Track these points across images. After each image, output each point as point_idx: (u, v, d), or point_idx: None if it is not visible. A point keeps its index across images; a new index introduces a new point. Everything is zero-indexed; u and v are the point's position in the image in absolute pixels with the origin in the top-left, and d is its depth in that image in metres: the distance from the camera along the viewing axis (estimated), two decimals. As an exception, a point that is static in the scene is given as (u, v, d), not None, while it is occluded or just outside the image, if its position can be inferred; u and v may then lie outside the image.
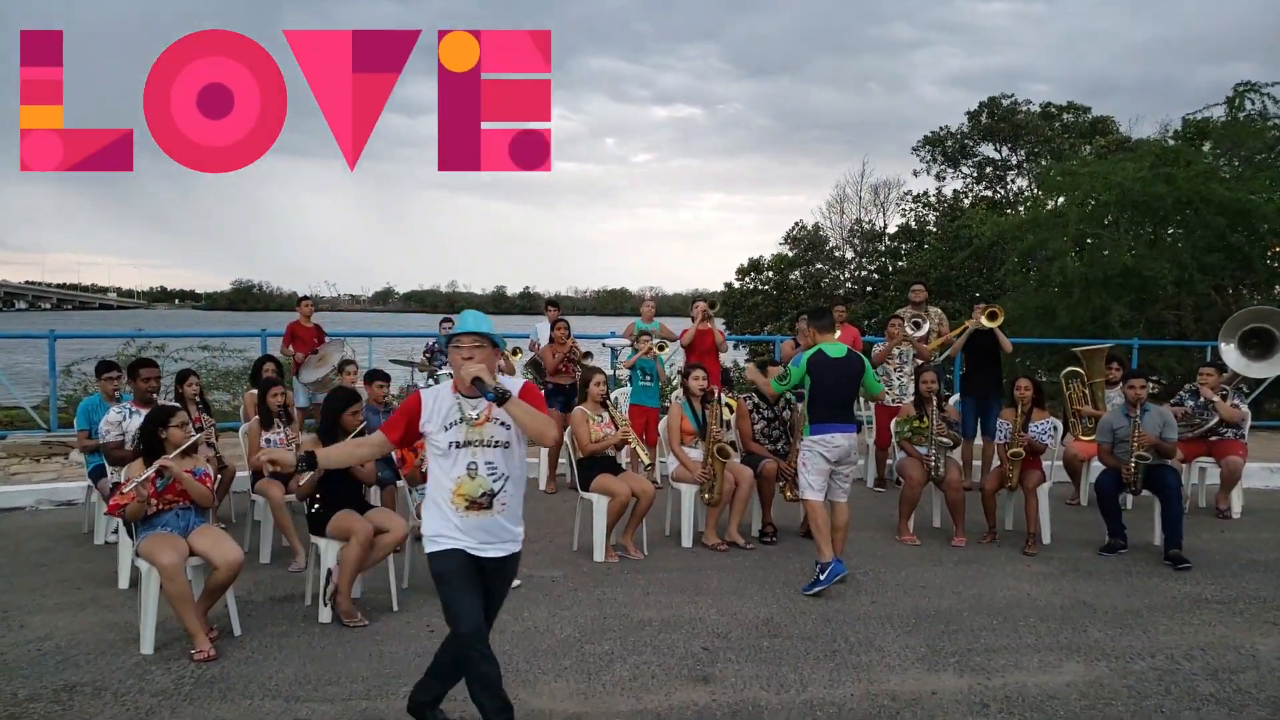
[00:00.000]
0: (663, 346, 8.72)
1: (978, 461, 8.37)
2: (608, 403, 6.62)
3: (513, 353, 9.26)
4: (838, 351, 5.71)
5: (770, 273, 27.39)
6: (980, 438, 8.33)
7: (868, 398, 6.75)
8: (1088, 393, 8.24)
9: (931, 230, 26.11)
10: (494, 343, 3.46)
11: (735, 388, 8.36)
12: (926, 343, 8.66)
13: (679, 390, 7.59)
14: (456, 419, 3.40)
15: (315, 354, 9.37)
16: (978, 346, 8.35)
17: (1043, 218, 15.88)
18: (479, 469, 3.38)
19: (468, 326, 3.45)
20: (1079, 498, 8.05)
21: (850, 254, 29.01)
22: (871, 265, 28.08)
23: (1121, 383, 6.98)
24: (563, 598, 5.33)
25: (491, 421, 3.40)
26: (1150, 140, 17.98)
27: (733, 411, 6.96)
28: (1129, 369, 7.83)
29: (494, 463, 3.40)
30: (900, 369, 8.53)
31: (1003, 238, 18.09)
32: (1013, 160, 27.28)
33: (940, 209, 27.12)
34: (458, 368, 3.37)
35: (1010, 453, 6.60)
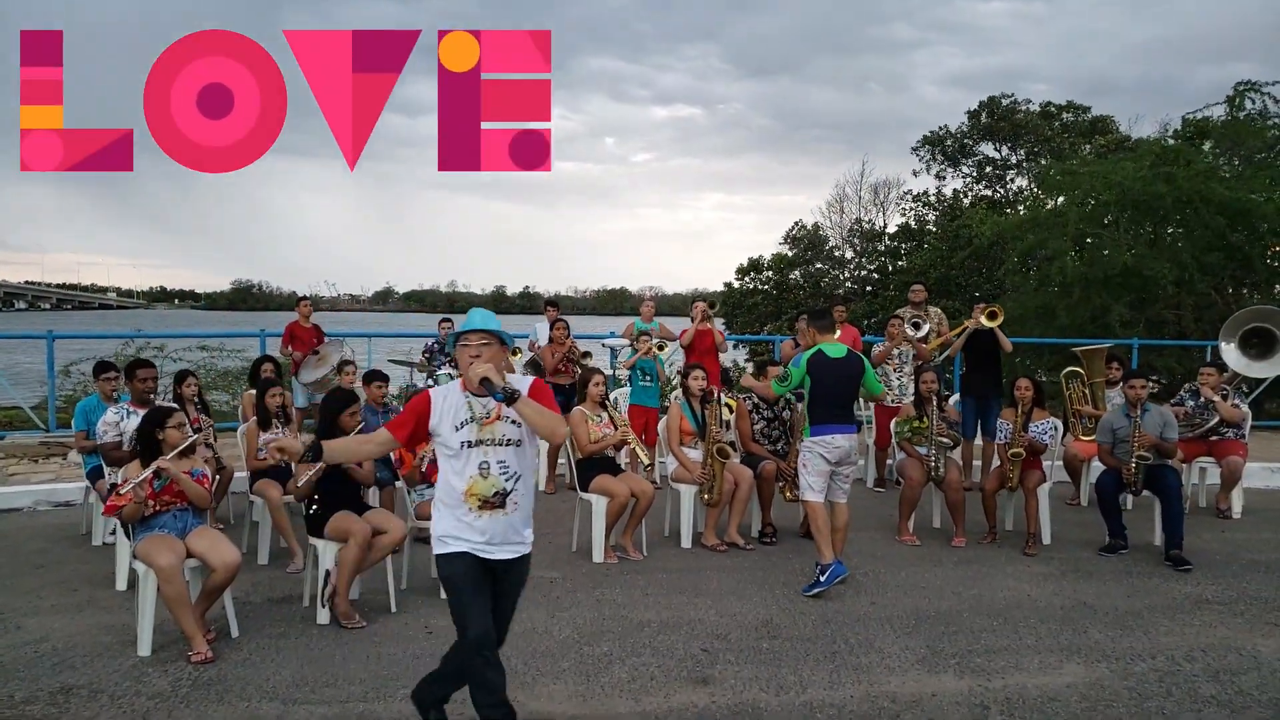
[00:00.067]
0: (662, 346, 8.71)
1: (978, 462, 8.36)
2: (607, 403, 6.61)
3: (512, 353, 9.25)
4: (837, 352, 5.69)
5: (770, 272, 27.38)
6: (980, 438, 8.32)
7: (868, 398, 6.74)
8: (1088, 393, 8.23)
9: (931, 230, 26.11)
10: (502, 340, 3.40)
11: (735, 388, 8.33)
12: (926, 343, 8.65)
13: (678, 390, 7.58)
14: (467, 418, 3.33)
15: (315, 354, 9.37)
16: (978, 346, 8.34)
17: (1042, 217, 15.86)
18: (491, 468, 3.32)
19: (475, 324, 3.37)
20: (1079, 498, 8.04)
21: (850, 254, 29.01)
22: (871, 265, 28.07)
23: (1122, 383, 6.97)
24: (561, 599, 5.32)
25: (502, 420, 3.33)
26: (1150, 140, 17.97)
27: (732, 412, 6.95)
28: (1129, 369, 7.82)
29: (506, 461, 3.34)
30: (900, 369, 8.51)
31: (1002, 237, 18.07)
32: (1012, 160, 27.28)
33: (940, 208, 27.12)
34: (465, 367, 3.30)
35: (1010, 453, 6.59)
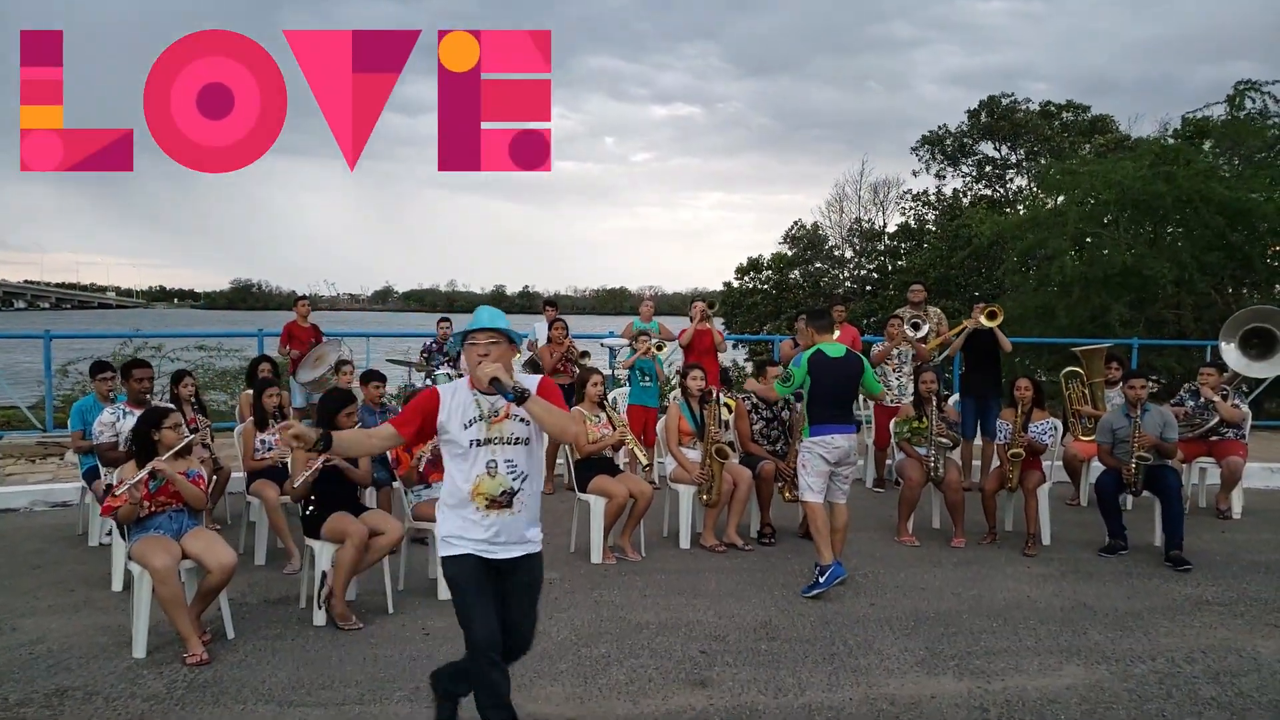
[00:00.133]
0: (661, 346, 8.69)
1: (977, 462, 8.34)
2: (605, 403, 6.59)
3: None
4: (836, 351, 5.68)
5: (769, 272, 27.36)
6: (980, 438, 8.30)
7: (867, 397, 6.73)
8: (1087, 393, 8.21)
9: (931, 229, 26.11)
10: (510, 339, 3.36)
11: (734, 388, 8.31)
12: (925, 343, 8.63)
13: (677, 391, 7.56)
14: (475, 416, 3.29)
15: (312, 354, 9.35)
16: (977, 346, 8.32)
17: (1042, 217, 15.84)
18: (499, 467, 3.29)
19: (483, 323, 3.32)
20: (1079, 498, 8.02)
21: (849, 253, 28.98)
22: (871, 264, 28.05)
23: (1121, 383, 6.94)
24: (559, 600, 5.29)
25: (511, 418, 3.31)
26: (1150, 139, 17.96)
27: (731, 411, 6.93)
28: (1129, 369, 7.80)
29: (514, 460, 3.32)
30: (899, 369, 8.49)
31: (1002, 237, 18.05)
32: (1012, 159, 27.28)
33: (939, 208, 27.12)
34: (474, 365, 3.27)
35: (1010, 453, 6.57)
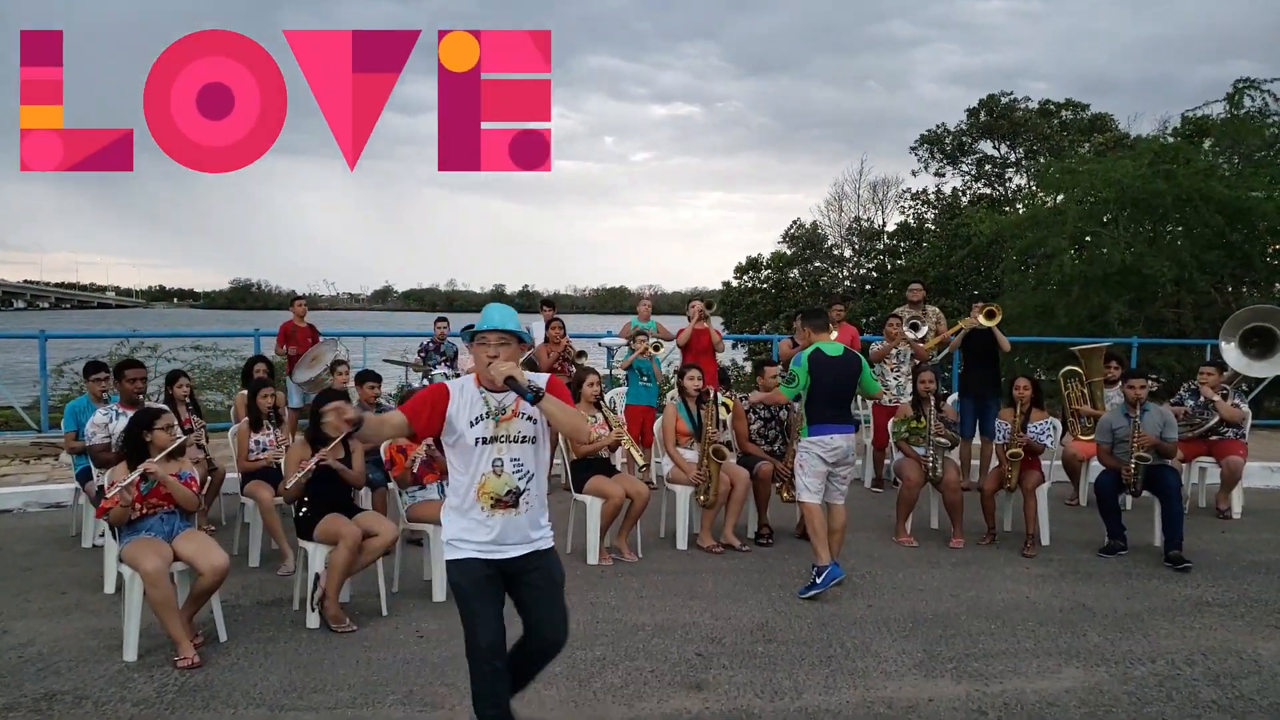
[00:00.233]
0: (658, 346, 8.66)
1: (976, 462, 8.31)
2: (602, 403, 6.55)
3: None
4: (835, 350, 5.66)
5: (769, 271, 27.29)
6: (978, 438, 8.27)
7: (865, 397, 6.69)
8: (1086, 392, 8.17)
9: (930, 228, 26.05)
10: (520, 340, 3.33)
11: (733, 387, 8.27)
12: (924, 343, 8.59)
13: (675, 390, 7.52)
14: (482, 413, 3.25)
15: (309, 354, 9.31)
16: (976, 346, 8.28)
17: (1041, 216, 15.78)
18: (505, 465, 3.24)
19: (494, 323, 3.26)
20: (1078, 498, 7.98)
21: (849, 252, 28.91)
22: (870, 263, 27.98)
23: (1121, 382, 6.90)
24: (555, 602, 5.25)
25: (519, 416, 3.26)
26: (1149, 138, 17.90)
27: (729, 411, 6.90)
28: (1128, 368, 7.77)
29: (520, 459, 3.27)
30: (897, 368, 8.45)
31: (1001, 236, 17.99)
32: (1011, 158, 27.22)
33: (939, 207, 27.06)
34: (483, 365, 3.22)
35: (1009, 453, 6.53)
